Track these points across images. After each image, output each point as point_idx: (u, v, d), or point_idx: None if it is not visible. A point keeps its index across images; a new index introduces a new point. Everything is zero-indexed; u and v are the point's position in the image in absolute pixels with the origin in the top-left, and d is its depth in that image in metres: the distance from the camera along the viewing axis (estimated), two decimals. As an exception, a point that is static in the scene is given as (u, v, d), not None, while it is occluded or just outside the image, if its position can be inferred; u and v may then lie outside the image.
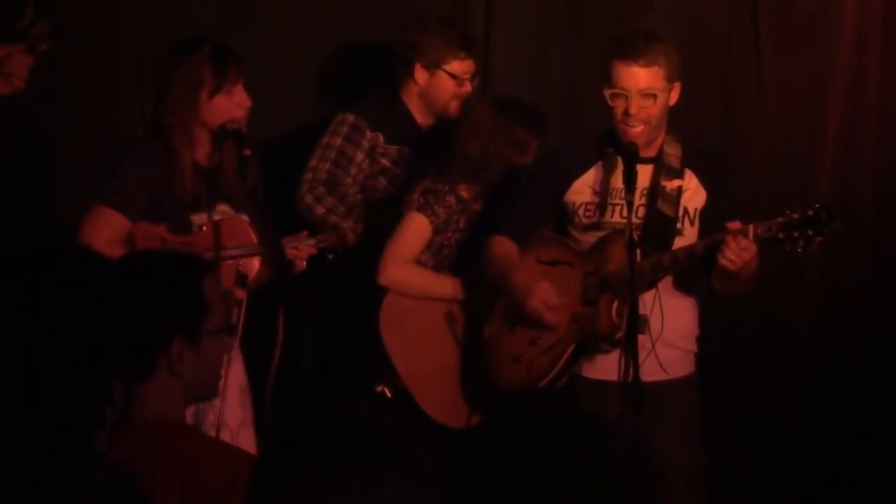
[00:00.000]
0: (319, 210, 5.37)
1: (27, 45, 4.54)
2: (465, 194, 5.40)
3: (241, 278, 4.61)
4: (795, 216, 4.51)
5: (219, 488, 2.87)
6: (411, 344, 5.37)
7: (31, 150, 5.91)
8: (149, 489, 2.56)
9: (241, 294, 4.65)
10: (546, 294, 4.90)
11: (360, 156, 5.55)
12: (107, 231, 4.81)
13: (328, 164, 5.48)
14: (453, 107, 5.59)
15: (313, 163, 5.47)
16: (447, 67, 5.53)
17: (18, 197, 5.78)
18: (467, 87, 5.59)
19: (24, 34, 4.54)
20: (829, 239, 4.55)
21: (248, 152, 4.81)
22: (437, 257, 5.41)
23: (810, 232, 4.48)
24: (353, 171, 5.53)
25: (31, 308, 2.40)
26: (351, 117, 5.53)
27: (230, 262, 4.74)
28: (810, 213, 4.49)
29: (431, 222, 5.33)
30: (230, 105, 4.86)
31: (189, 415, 3.57)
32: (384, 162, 5.60)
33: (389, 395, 5.32)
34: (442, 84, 5.56)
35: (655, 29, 5.12)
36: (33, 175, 5.91)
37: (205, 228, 4.89)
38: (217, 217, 4.92)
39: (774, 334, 6.07)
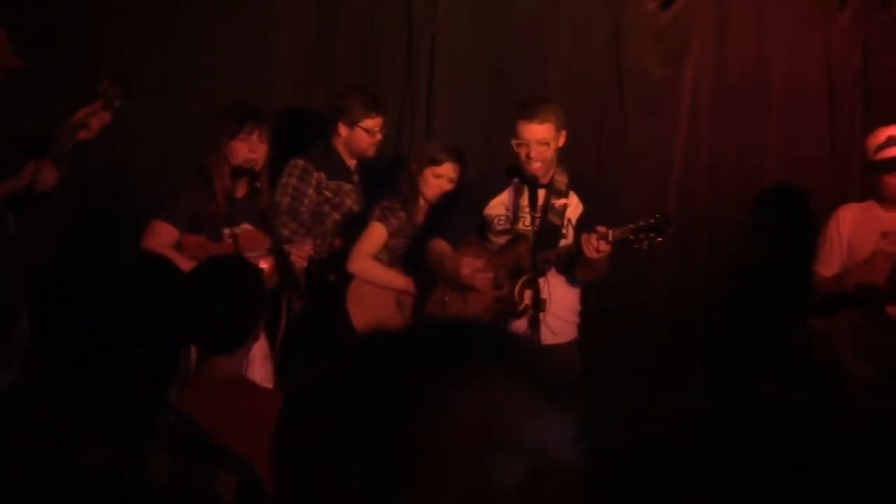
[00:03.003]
0: (285, 232, 5.91)
1: (104, 103, 5.07)
2: (409, 211, 5.96)
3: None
4: (642, 223, 5.23)
5: (255, 422, 3.03)
6: (369, 317, 5.80)
7: (105, 185, 6.53)
8: (204, 426, 2.57)
9: None
10: (472, 262, 5.60)
11: (310, 191, 6.07)
12: (161, 238, 5.45)
13: (287, 199, 6.01)
14: (370, 151, 6.15)
15: (276, 198, 5.97)
16: (362, 124, 6.10)
17: (94, 223, 6.31)
18: (378, 137, 6.13)
19: (102, 95, 5.08)
20: (667, 240, 5.32)
21: (258, 184, 5.56)
22: (391, 256, 5.99)
23: (652, 234, 5.21)
24: (306, 202, 6.05)
25: (132, 299, 2.48)
26: (301, 162, 6.09)
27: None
28: (652, 220, 5.23)
29: (387, 229, 5.92)
30: (247, 148, 5.54)
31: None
32: (327, 194, 6.12)
33: None
34: (359, 136, 6.11)
35: (547, 94, 5.93)
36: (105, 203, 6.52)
37: (229, 238, 5.55)
38: (230, 232, 5.56)
39: (636, 309, 6.84)
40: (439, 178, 5.94)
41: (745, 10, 6.99)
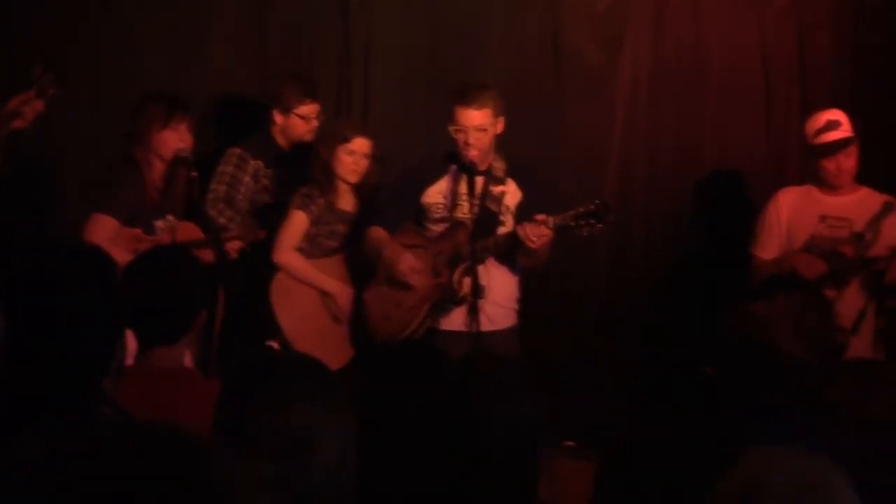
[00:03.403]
0: (221, 220, 5.90)
1: (37, 91, 4.99)
2: (329, 197, 5.88)
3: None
4: (582, 210, 5.27)
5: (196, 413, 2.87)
6: (293, 310, 5.86)
7: (36, 173, 6.40)
8: (143, 417, 2.45)
9: None
10: (410, 261, 5.60)
11: (246, 178, 6.07)
12: (104, 232, 5.37)
13: (224, 187, 6.01)
14: (307, 138, 6.11)
15: (213, 186, 5.98)
16: (297, 111, 6.09)
17: (25, 210, 6.26)
18: (314, 123, 6.10)
19: (36, 83, 5.00)
20: (607, 225, 5.35)
21: (195, 174, 5.43)
22: (311, 244, 5.91)
23: (592, 220, 5.27)
24: (243, 189, 6.06)
25: (63, 291, 2.54)
26: (238, 150, 6.10)
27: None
28: (592, 206, 5.28)
29: (308, 217, 5.85)
30: (176, 138, 5.52)
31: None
32: (264, 181, 6.12)
33: (277, 347, 5.68)
34: (294, 123, 6.10)
35: (488, 81, 5.89)
36: (37, 192, 6.44)
37: (165, 230, 5.53)
38: (163, 224, 5.54)
39: (575, 295, 6.89)
40: (353, 155, 5.85)
41: (680, -6, 7.02)
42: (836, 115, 5.80)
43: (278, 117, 6.12)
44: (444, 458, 2.63)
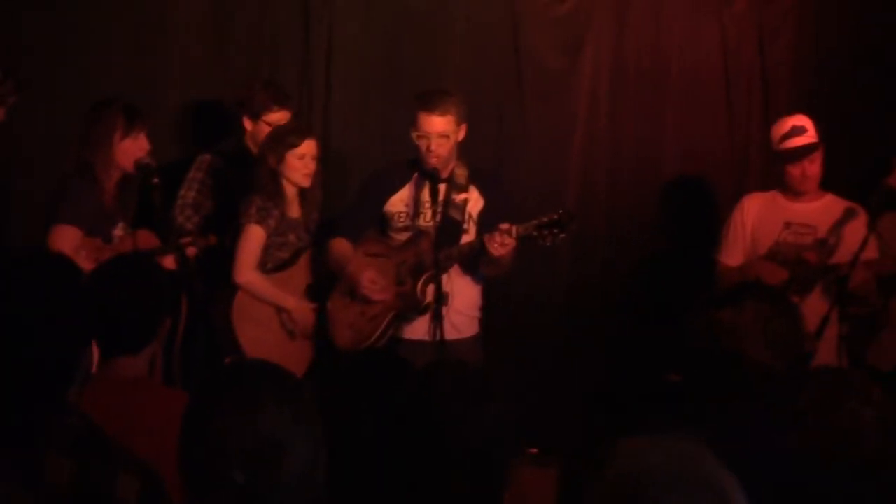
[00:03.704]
0: (188, 226, 5.89)
1: None
2: (281, 207, 5.74)
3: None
4: (545, 219, 5.25)
5: (161, 423, 2.95)
6: (252, 325, 5.76)
7: None
8: (107, 428, 2.61)
9: None
10: (372, 276, 5.60)
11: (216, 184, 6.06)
12: (68, 242, 5.28)
13: (193, 193, 6.01)
14: None
15: (182, 192, 6.00)
16: (265, 118, 6.01)
17: None
18: None
19: None
20: (570, 235, 5.36)
21: (156, 181, 5.37)
22: (265, 255, 5.78)
23: (555, 230, 5.25)
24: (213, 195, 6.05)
25: (27, 300, 2.57)
26: (208, 157, 6.11)
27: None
28: (556, 216, 5.26)
29: (266, 231, 5.71)
30: (135, 147, 5.46)
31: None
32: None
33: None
34: (263, 131, 5.97)
35: (448, 86, 5.85)
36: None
37: (124, 238, 5.47)
38: (120, 232, 5.49)
39: (536, 303, 6.85)
40: (303, 159, 5.72)
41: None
42: (801, 120, 5.81)
43: (248, 124, 6.09)
44: (410, 468, 2.60)
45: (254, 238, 5.73)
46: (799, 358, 3.47)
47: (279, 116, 6.05)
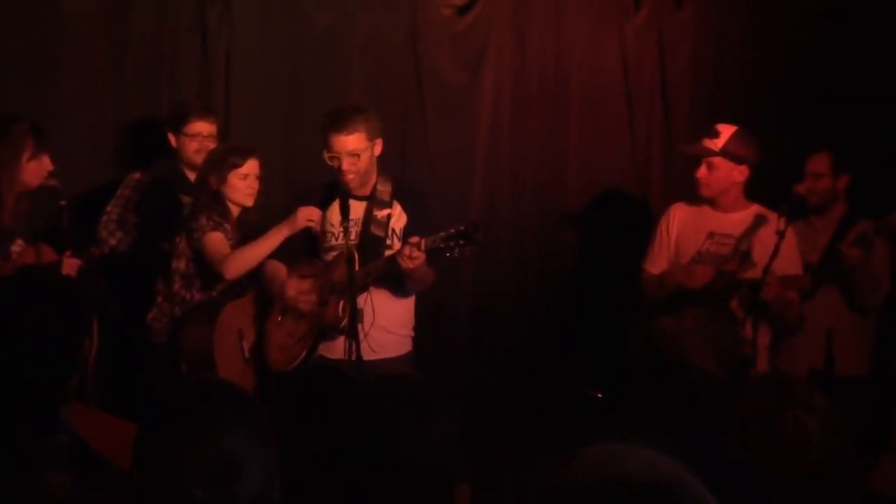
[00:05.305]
0: (112, 241, 5.94)
1: None
2: (227, 227, 5.70)
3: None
4: (452, 231, 5.21)
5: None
6: (224, 350, 5.64)
7: None
8: (97, 445, 2.62)
9: None
10: (296, 284, 5.58)
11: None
12: None
13: (118, 210, 6.02)
14: (198, 159, 5.96)
15: (108, 208, 6.02)
16: (185, 130, 6.05)
17: None
18: (205, 144, 6.03)
19: None
20: (476, 246, 5.33)
21: (63, 202, 5.42)
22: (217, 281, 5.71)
23: (462, 242, 5.20)
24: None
25: (27, 320, 2.74)
26: (137, 175, 6.13)
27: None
28: (462, 228, 5.21)
29: (225, 235, 5.67)
30: (40, 168, 5.47)
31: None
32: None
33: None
34: (184, 143, 6.08)
35: (358, 102, 5.79)
36: None
37: (17, 255, 5.39)
38: (18, 248, 5.42)
39: (442, 317, 6.81)
40: (247, 178, 5.71)
41: (541, 13, 7.07)
42: (725, 128, 5.77)
43: (173, 139, 6.11)
44: (358, 486, 2.59)
45: (217, 241, 5.67)
46: (741, 364, 3.51)
47: (200, 127, 6.08)
